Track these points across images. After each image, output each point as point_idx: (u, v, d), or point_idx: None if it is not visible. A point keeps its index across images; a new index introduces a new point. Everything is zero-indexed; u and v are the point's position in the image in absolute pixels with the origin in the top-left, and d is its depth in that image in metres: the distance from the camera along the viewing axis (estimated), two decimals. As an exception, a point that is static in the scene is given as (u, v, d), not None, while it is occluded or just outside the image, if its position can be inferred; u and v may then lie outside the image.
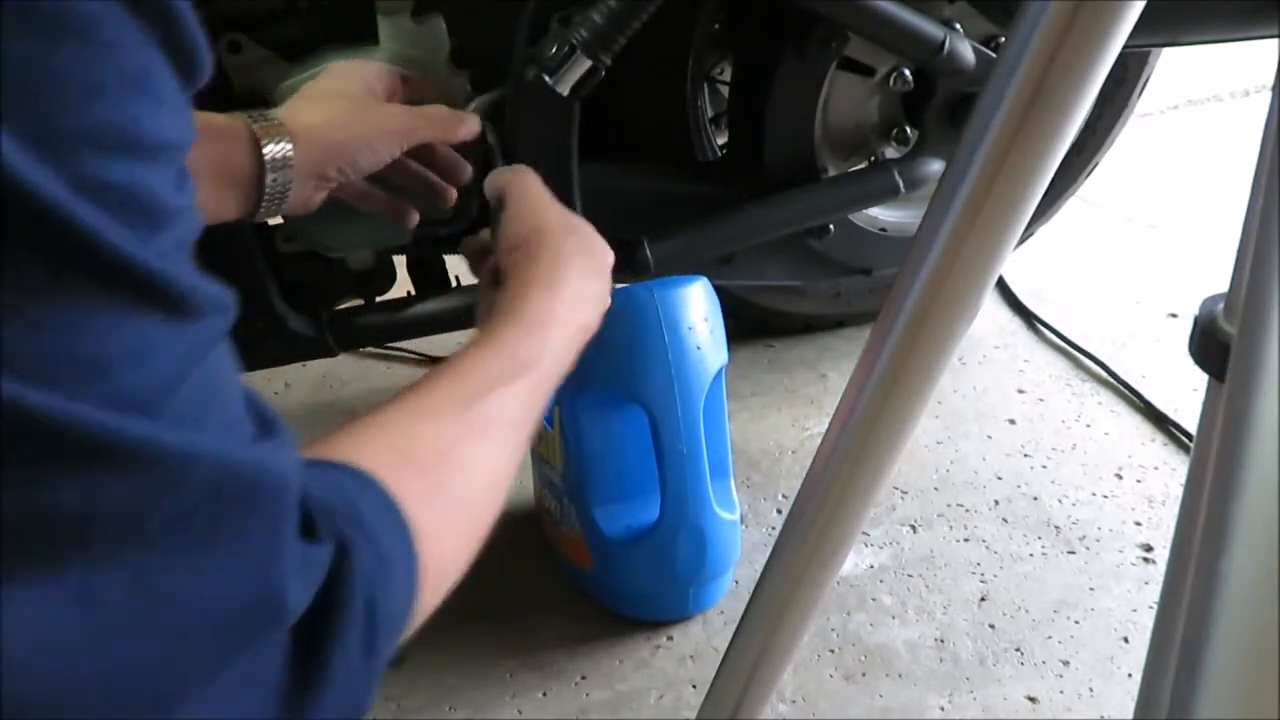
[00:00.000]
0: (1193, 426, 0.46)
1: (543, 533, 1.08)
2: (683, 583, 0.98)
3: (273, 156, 0.65)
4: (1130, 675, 0.94)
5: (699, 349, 0.92)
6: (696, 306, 0.93)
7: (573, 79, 0.89)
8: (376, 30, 0.88)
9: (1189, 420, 1.26)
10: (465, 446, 0.45)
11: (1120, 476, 1.19)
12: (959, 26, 1.11)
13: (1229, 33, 0.87)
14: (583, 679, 0.95)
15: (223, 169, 0.64)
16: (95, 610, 0.24)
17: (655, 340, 0.90)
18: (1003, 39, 1.02)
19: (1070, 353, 1.42)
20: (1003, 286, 1.55)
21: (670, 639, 0.99)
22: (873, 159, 1.25)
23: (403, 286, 1.04)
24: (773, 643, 0.61)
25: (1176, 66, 1.75)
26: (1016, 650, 0.97)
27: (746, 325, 1.40)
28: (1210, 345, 0.41)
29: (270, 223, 0.89)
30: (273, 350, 1.00)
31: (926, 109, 1.18)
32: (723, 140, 1.27)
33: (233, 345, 0.31)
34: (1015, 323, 1.50)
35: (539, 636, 0.99)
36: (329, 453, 0.38)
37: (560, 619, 1.01)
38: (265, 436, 0.31)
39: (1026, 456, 1.23)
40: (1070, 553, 1.09)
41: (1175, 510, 0.47)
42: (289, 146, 0.65)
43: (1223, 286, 0.42)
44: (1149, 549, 1.09)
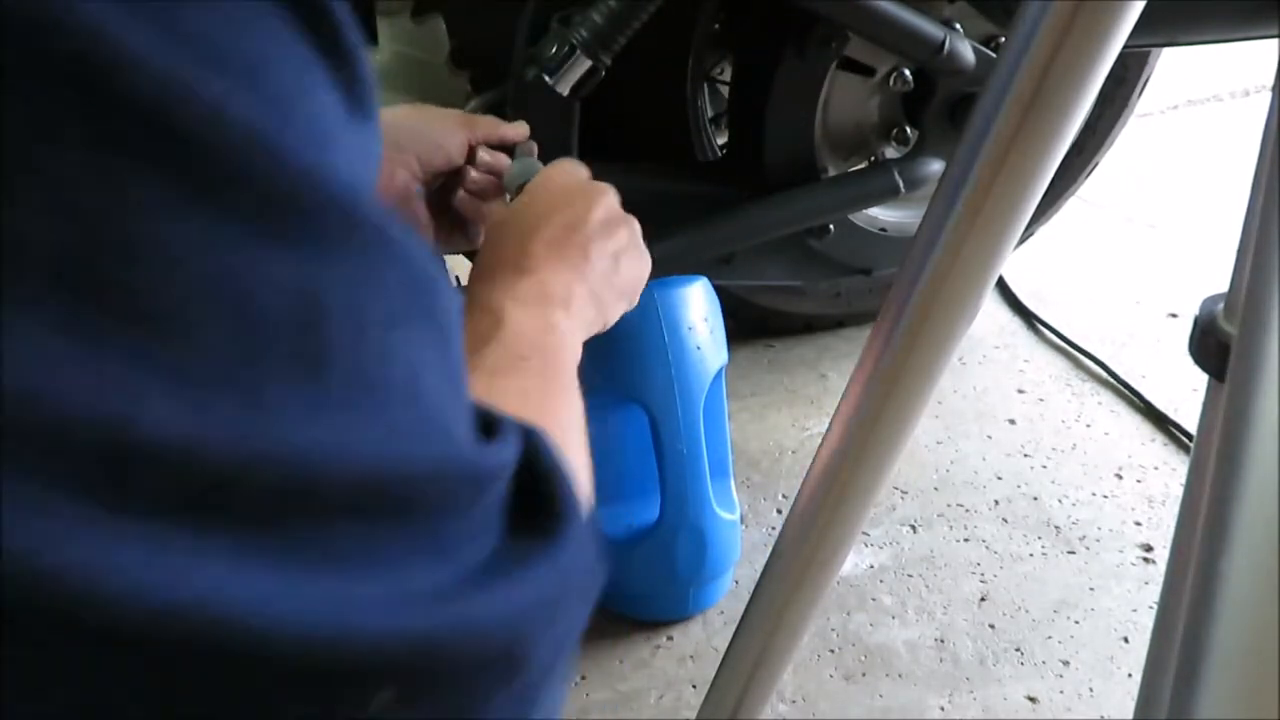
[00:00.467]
0: (1193, 426, 0.46)
1: (543, 533, 1.08)
2: (683, 583, 0.98)
3: None
4: (1130, 675, 0.94)
5: (699, 349, 0.92)
6: (696, 306, 0.93)
7: (573, 79, 0.90)
8: (376, 31, 0.88)
9: (1189, 420, 1.26)
10: (550, 400, 0.45)
11: (1120, 476, 1.19)
12: (959, 26, 1.11)
13: (1229, 33, 0.87)
14: (583, 679, 0.95)
15: None
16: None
17: (655, 340, 0.90)
18: (1003, 39, 1.02)
19: (1070, 353, 1.42)
20: (1003, 286, 1.55)
21: (670, 639, 0.99)
22: (873, 159, 1.25)
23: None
24: (773, 643, 0.61)
25: (1176, 66, 1.75)
26: (1016, 650, 0.97)
27: (746, 325, 1.40)
28: (1210, 345, 0.41)
29: None
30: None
31: (926, 109, 1.18)
32: (723, 140, 1.27)
33: None
34: (1015, 323, 1.50)
35: (539, 636, 0.99)
36: None
37: (560, 619, 1.01)
38: None
39: (1026, 456, 1.23)
40: (1070, 553, 1.08)
41: (1175, 510, 0.47)
42: None
43: (1223, 286, 0.42)
44: (1149, 549, 1.09)
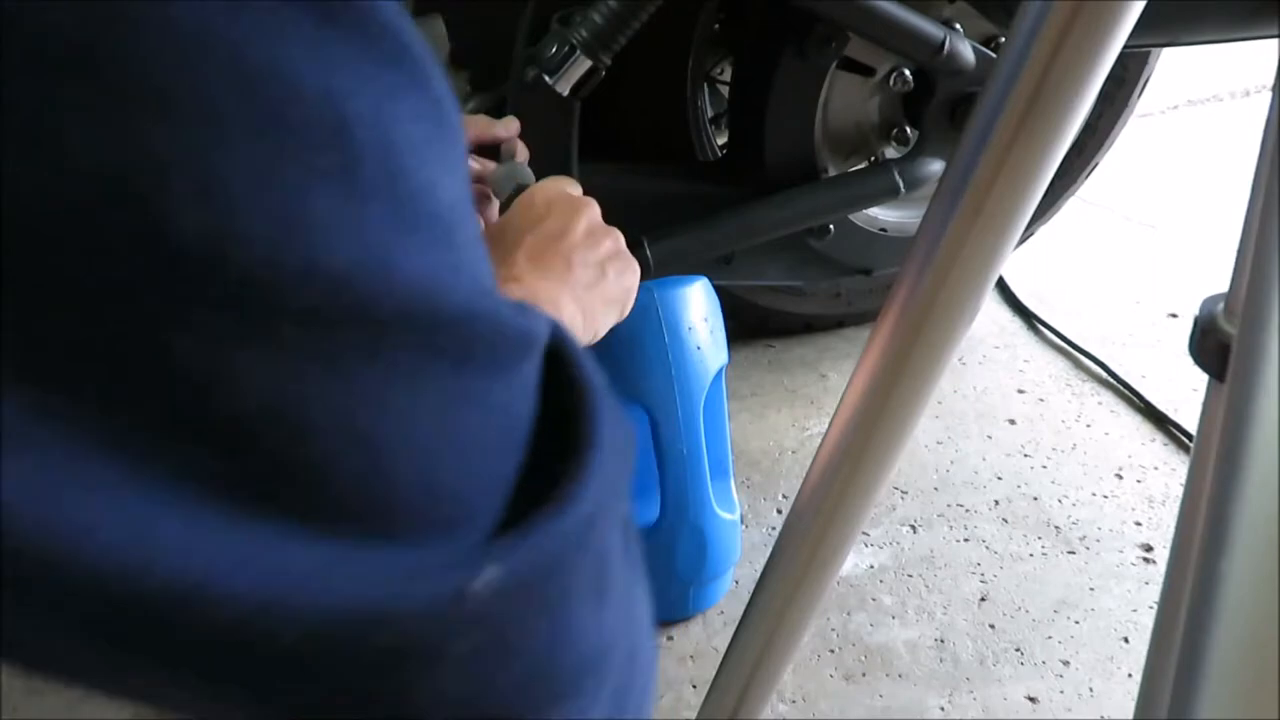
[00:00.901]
0: (1193, 426, 0.46)
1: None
2: (683, 583, 0.98)
3: None
4: (1130, 675, 0.94)
5: (699, 349, 0.92)
6: (696, 307, 0.93)
7: (573, 79, 0.90)
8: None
9: (1189, 420, 1.26)
10: None
11: (1120, 476, 1.19)
12: (959, 26, 1.11)
13: (1229, 33, 0.87)
14: (583, 679, 0.95)
15: None
16: None
17: (655, 340, 0.90)
18: (1003, 39, 1.02)
19: (1070, 353, 1.42)
20: (1003, 286, 1.55)
21: (670, 639, 0.99)
22: (873, 159, 1.25)
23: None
24: (773, 643, 0.61)
25: (1176, 66, 1.75)
26: (1016, 650, 0.97)
27: (746, 325, 1.40)
28: (1210, 345, 0.41)
29: None
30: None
31: (926, 109, 1.18)
32: (723, 140, 1.27)
33: None
34: (1015, 323, 1.50)
35: (539, 636, 0.99)
36: None
37: (560, 619, 1.01)
38: None
39: (1026, 456, 1.23)
40: (1070, 553, 1.08)
41: (1175, 510, 0.47)
42: None
43: (1223, 286, 0.42)
44: (1149, 549, 1.09)
